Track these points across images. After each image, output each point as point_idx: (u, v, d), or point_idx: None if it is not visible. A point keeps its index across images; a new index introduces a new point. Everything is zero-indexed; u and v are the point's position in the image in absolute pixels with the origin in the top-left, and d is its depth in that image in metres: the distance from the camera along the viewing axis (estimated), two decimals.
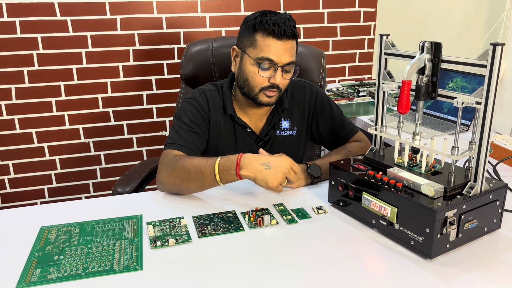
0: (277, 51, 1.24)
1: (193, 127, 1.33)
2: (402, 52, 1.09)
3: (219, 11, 2.47)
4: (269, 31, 1.23)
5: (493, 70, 0.89)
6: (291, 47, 1.26)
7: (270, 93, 1.29)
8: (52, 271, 0.91)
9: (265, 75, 1.27)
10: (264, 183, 1.14)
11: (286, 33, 1.23)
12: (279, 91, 1.31)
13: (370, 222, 1.06)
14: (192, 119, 1.34)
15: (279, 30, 1.22)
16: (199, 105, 1.37)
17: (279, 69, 1.26)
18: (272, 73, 1.27)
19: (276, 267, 0.93)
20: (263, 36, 1.25)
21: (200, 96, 1.39)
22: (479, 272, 0.90)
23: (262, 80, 1.28)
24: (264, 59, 1.25)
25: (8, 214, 1.17)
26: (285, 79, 1.29)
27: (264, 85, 1.28)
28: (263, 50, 1.25)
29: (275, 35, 1.23)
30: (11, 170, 2.44)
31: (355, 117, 2.11)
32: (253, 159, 1.15)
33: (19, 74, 2.29)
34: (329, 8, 2.66)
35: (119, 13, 2.33)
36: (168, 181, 1.23)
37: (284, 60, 1.25)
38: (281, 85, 1.29)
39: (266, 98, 1.30)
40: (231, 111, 1.37)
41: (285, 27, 1.23)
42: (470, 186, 0.98)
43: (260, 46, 1.25)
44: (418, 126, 1.06)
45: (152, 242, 1.01)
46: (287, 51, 1.25)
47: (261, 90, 1.29)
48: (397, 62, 1.12)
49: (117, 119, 2.52)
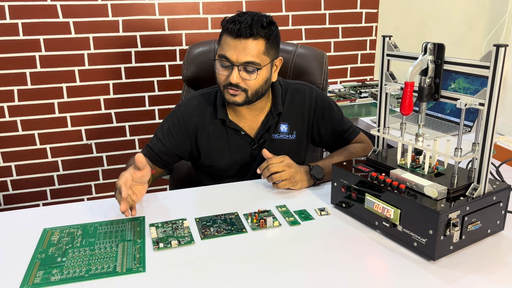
0: (233, 49, 1.24)
1: (164, 138, 1.39)
2: (405, 54, 1.08)
3: (220, 12, 2.47)
4: (228, 29, 1.25)
5: (497, 71, 0.89)
6: (250, 46, 1.24)
7: (232, 92, 1.29)
8: (55, 273, 0.91)
9: (224, 73, 1.28)
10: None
11: (242, 33, 1.23)
12: (243, 91, 1.29)
13: (373, 223, 1.05)
14: (169, 128, 1.39)
15: (233, 29, 1.23)
16: (182, 114, 1.39)
17: (235, 68, 1.25)
18: (229, 71, 1.27)
19: (279, 269, 0.92)
20: (225, 34, 1.27)
21: (187, 103, 1.41)
22: (482, 274, 0.90)
23: (222, 78, 1.29)
24: (222, 57, 1.27)
25: (10, 216, 1.17)
26: (246, 80, 1.27)
27: (225, 83, 1.29)
28: (222, 48, 1.27)
29: (232, 34, 1.24)
30: (14, 171, 2.44)
31: (357, 118, 2.11)
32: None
33: (22, 76, 2.29)
34: (331, 10, 2.66)
35: (121, 15, 2.33)
36: None
37: (240, 59, 1.25)
38: (243, 85, 1.28)
39: (230, 96, 1.30)
40: (222, 115, 1.38)
41: (241, 26, 1.22)
42: (473, 187, 0.98)
43: (221, 44, 1.28)
44: (421, 128, 1.06)
45: (155, 244, 1.01)
46: (244, 50, 1.24)
47: (224, 88, 1.30)
48: (399, 63, 1.12)
49: (119, 121, 2.52)
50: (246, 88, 1.29)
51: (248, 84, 1.28)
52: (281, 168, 1.24)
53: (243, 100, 1.30)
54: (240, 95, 1.29)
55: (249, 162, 1.42)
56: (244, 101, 1.31)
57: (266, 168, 1.25)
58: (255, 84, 1.29)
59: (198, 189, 1.32)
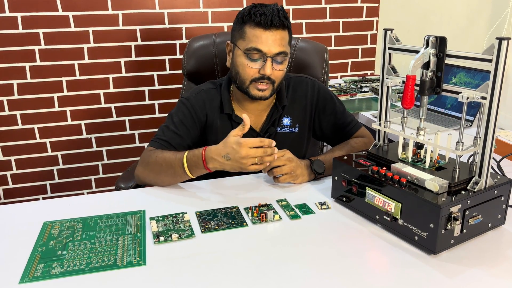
0: (266, 41, 1.24)
1: (179, 129, 1.34)
2: (406, 47, 1.08)
3: (221, 6, 2.46)
4: (256, 21, 1.23)
5: (499, 65, 0.88)
6: (280, 37, 1.25)
7: (261, 86, 1.28)
8: (56, 266, 0.91)
9: (255, 66, 1.27)
10: (236, 170, 1.16)
11: (274, 23, 1.23)
12: (272, 84, 1.29)
13: (374, 217, 1.05)
14: (181, 120, 1.35)
15: (265, 20, 1.22)
16: (192, 106, 1.37)
17: (268, 60, 1.25)
18: (261, 64, 1.26)
19: (279, 263, 0.92)
20: (251, 27, 1.25)
21: (196, 97, 1.39)
22: (483, 267, 0.90)
23: (252, 72, 1.27)
24: (252, 50, 1.25)
25: (11, 210, 1.17)
26: (277, 71, 1.28)
27: (255, 77, 1.27)
28: (251, 41, 1.25)
29: (263, 26, 1.23)
30: (13, 165, 2.44)
31: (357, 113, 2.11)
32: (215, 152, 1.15)
33: (21, 70, 2.28)
34: (332, 4, 2.65)
35: (120, 8, 2.32)
36: (143, 175, 1.29)
37: (273, 51, 1.24)
38: (273, 76, 1.28)
39: (258, 91, 1.29)
40: (228, 110, 1.37)
41: (273, 17, 1.22)
42: (474, 181, 0.98)
43: (249, 37, 1.25)
44: (423, 121, 1.06)
45: (155, 237, 1.01)
46: (276, 41, 1.24)
47: (252, 82, 1.28)
48: (400, 57, 1.11)
49: (119, 115, 2.51)
50: (274, 80, 1.29)
51: (276, 75, 1.29)
52: (282, 162, 1.24)
53: (270, 93, 1.31)
54: (268, 89, 1.30)
55: None
56: (271, 94, 1.31)
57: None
58: (281, 75, 1.30)
59: (199, 182, 1.32)
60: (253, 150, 1.12)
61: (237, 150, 1.12)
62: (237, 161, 1.13)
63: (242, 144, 1.12)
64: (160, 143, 1.33)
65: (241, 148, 1.12)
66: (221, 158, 1.14)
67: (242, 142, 1.12)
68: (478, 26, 2.06)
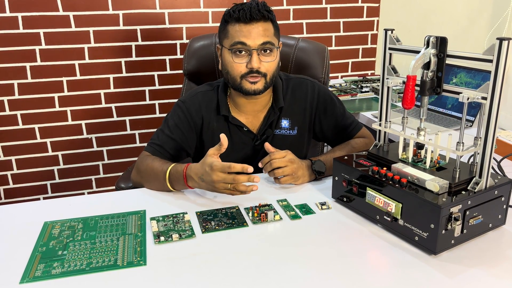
0: (248, 34, 1.24)
1: (173, 133, 1.35)
2: (407, 47, 1.08)
3: (221, 6, 2.46)
4: (235, 18, 1.25)
5: (499, 65, 0.88)
6: (263, 28, 1.25)
7: (252, 79, 1.28)
8: (56, 266, 0.91)
9: (241, 61, 1.27)
10: (213, 191, 1.17)
11: (254, 16, 1.24)
12: (263, 77, 1.28)
13: (374, 218, 1.05)
14: (176, 124, 1.36)
15: (244, 14, 1.23)
16: (187, 109, 1.37)
17: (254, 52, 1.25)
18: (248, 59, 1.27)
19: (279, 263, 0.92)
20: (232, 24, 1.26)
21: (192, 99, 1.39)
22: (484, 268, 0.90)
23: (239, 67, 1.27)
24: (236, 44, 1.25)
25: (11, 210, 1.17)
26: (265, 63, 1.28)
27: (243, 72, 1.27)
28: (234, 36, 1.26)
29: (242, 20, 1.24)
30: (14, 165, 2.44)
31: (358, 113, 2.11)
32: (194, 172, 1.15)
33: (22, 70, 2.29)
34: (332, 4, 2.65)
35: (121, 8, 2.32)
36: (137, 180, 1.32)
37: (257, 42, 1.25)
38: (262, 69, 1.27)
39: (250, 85, 1.28)
40: (224, 111, 1.37)
41: (252, 11, 1.23)
42: (475, 182, 0.97)
43: (232, 34, 1.27)
44: (423, 122, 1.06)
45: (156, 238, 1.01)
46: (259, 33, 1.25)
47: (242, 78, 1.28)
48: (400, 57, 1.11)
49: (119, 115, 2.51)
50: (266, 73, 1.29)
51: (267, 67, 1.28)
52: (284, 163, 1.24)
53: (263, 86, 1.30)
54: (260, 81, 1.29)
55: (252, 158, 1.41)
56: (264, 87, 1.30)
57: (268, 163, 1.25)
58: (273, 66, 1.30)
59: None
60: (223, 175, 1.11)
61: (209, 173, 1.12)
62: (210, 184, 1.13)
63: (213, 168, 1.11)
64: (154, 148, 1.34)
65: (212, 172, 1.11)
66: (198, 178, 1.15)
67: (213, 166, 1.11)
68: (479, 26, 2.06)
